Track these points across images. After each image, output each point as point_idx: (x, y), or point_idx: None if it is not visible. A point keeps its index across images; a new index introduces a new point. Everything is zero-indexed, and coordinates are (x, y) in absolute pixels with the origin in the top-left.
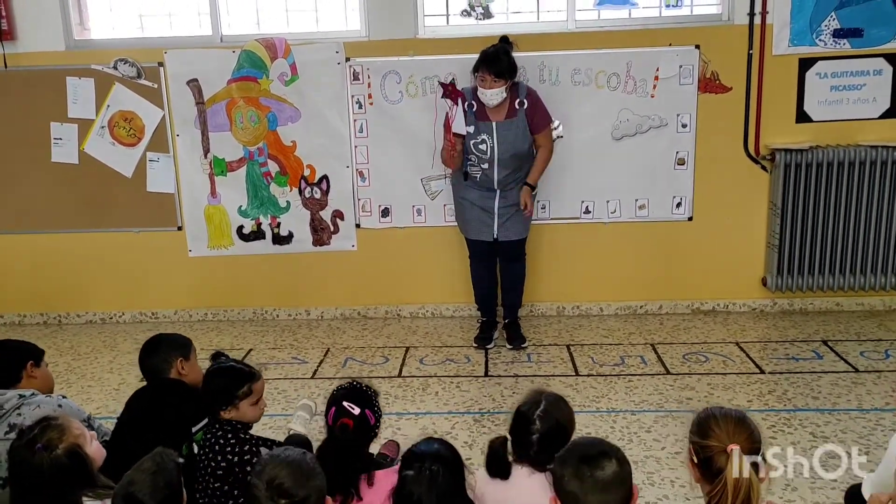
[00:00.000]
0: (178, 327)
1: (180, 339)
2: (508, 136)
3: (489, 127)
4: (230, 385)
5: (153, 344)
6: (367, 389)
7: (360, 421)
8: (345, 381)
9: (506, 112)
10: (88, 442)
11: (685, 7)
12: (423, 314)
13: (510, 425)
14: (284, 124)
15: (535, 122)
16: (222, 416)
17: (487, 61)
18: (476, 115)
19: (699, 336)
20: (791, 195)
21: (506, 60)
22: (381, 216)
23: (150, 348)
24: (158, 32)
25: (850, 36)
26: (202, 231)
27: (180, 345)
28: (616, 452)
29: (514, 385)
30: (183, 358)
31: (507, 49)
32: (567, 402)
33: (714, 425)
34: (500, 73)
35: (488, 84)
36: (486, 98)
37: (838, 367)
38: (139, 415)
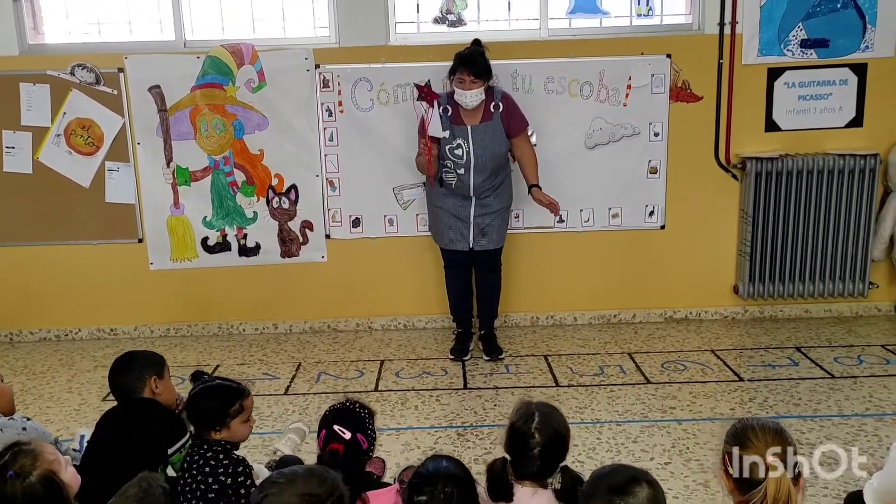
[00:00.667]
0: (139, 343)
1: (154, 356)
2: (485, 139)
3: (464, 131)
4: (221, 404)
5: (125, 361)
6: (361, 410)
7: (352, 446)
8: (337, 398)
9: (481, 116)
10: (63, 468)
11: (655, 17)
12: (395, 326)
13: (506, 444)
14: (251, 132)
15: (512, 126)
16: (213, 437)
17: (466, 62)
18: (451, 120)
19: (675, 344)
20: (762, 203)
21: (483, 61)
22: (352, 226)
23: (123, 366)
24: (118, 37)
25: (817, 46)
26: (164, 243)
27: (154, 362)
28: (644, 475)
29: (495, 397)
30: (157, 376)
31: (481, 50)
32: (558, 409)
33: (752, 436)
34: (478, 74)
35: (467, 85)
36: (464, 100)
37: (815, 373)
38: (112, 436)
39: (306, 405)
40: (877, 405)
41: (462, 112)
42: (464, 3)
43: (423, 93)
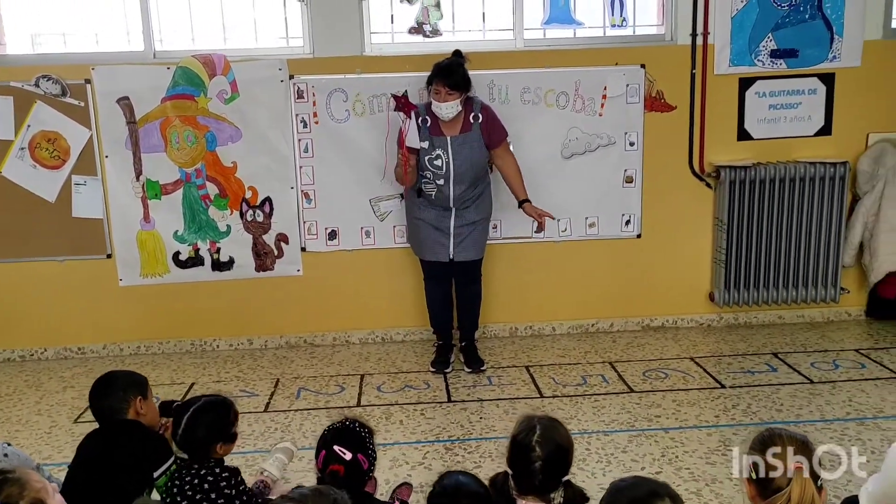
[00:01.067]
0: (108, 362)
1: (137, 376)
2: (464, 150)
3: (444, 142)
4: (224, 414)
5: (108, 382)
6: (362, 429)
7: (352, 466)
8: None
9: (460, 126)
10: (51, 496)
11: (629, 27)
12: (373, 339)
13: (508, 457)
14: (224, 144)
15: (493, 137)
16: (218, 453)
17: (442, 73)
18: (430, 131)
19: (654, 352)
20: (736, 211)
21: (460, 73)
22: (328, 239)
23: (105, 387)
24: (85, 48)
25: (787, 56)
26: (134, 258)
27: (138, 382)
28: (666, 489)
29: (480, 409)
30: (141, 397)
31: (460, 62)
32: (561, 422)
33: (780, 443)
34: (454, 85)
35: (443, 97)
36: (440, 111)
37: (793, 378)
38: (95, 459)
39: (288, 422)
40: (857, 409)
41: (441, 123)
42: (439, 13)
43: (399, 103)
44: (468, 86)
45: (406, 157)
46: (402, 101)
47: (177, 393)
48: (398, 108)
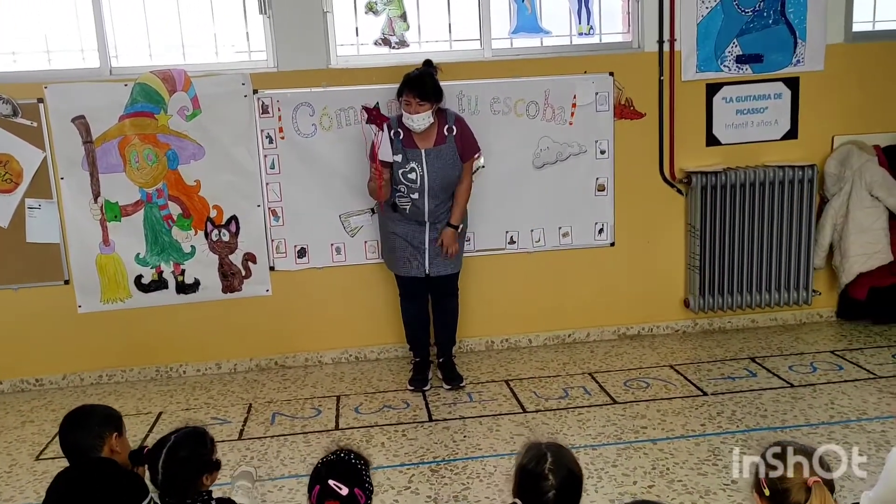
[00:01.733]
0: (69, 393)
1: (111, 410)
2: (438, 163)
3: (418, 154)
4: (201, 449)
5: (81, 417)
6: (357, 461)
7: (349, 502)
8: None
9: (434, 138)
10: None
11: (595, 35)
12: (346, 359)
13: (515, 488)
14: (186, 162)
15: (465, 151)
16: (206, 484)
17: (411, 84)
18: (403, 143)
19: (633, 361)
20: (708, 217)
21: (430, 83)
22: (298, 257)
23: (78, 422)
24: (37, 66)
25: (752, 62)
26: (94, 284)
27: (113, 417)
28: None
29: (463, 428)
30: (117, 433)
31: (431, 72)
32: (567, 447)
33: (793, 457)
34: (424, 96)
35: (413, 108)
36: (412, 123)
37: (773, 383)
38: (69, 501)
39: (264, 450)
40: (840, 412)
41: (415, 135)
42: (405, 24)
43: (371, 115)
44: (440, 96)
45: (379, 170)
46: (374, 113)
47: (143, 423)
48: (370, 120)
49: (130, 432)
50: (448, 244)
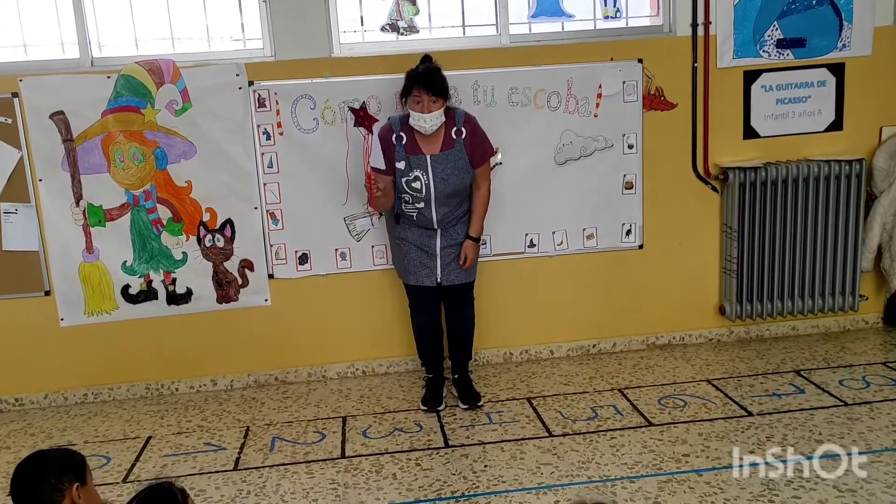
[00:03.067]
0: (51, 414)
1: (73, 456)
2: (446, 170)
3: (422, 161)
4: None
5: (36, 465)
6: None
7: None
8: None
9: (441, 143)
10: None
11: (622, 19)
12: (353, 373)
13: None
14: (176, 161)
15: (475, 156)
16: None
17: (421, 79)
18: (406, 149)
19: (666, 376)
20: (746, 216)
21: (440, 77)
22: (299, 263)
23: (32, 473)
24: (11, 57)
25: (793, 46)
26: (77, 295)
27: (74, 462)
28: None
29: (484, 455)
30: (79, 482)
31: (438, 67)
32: None
33: None
34: (438, 91)
35: (425, 105)
36: (423, 124)
37: (825, 400)
38: None
39: (263, 482)
40: None
41: (419, 139)
42: (414, 8)
43: (359, 117)
44: (448, 93)
45: (371, 179)
46: (361, 114)
47: (131, 450)
48: (358, 122)
49: (116, 460)
50: (471, 258)
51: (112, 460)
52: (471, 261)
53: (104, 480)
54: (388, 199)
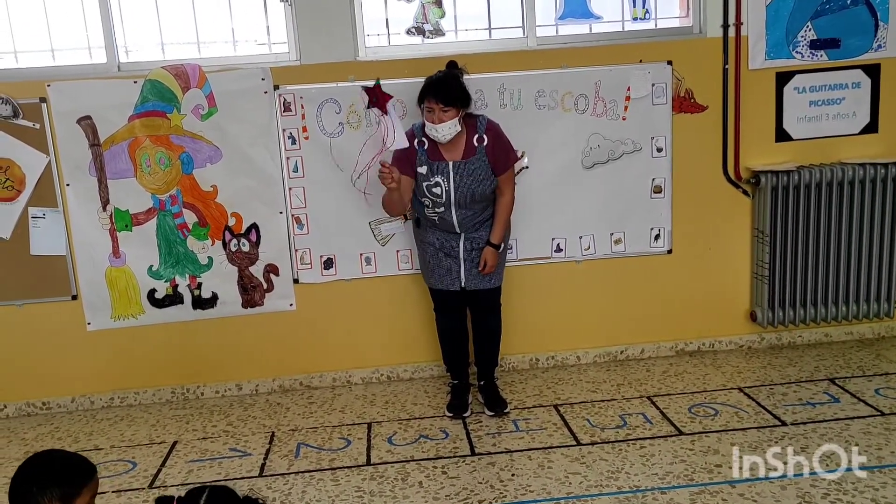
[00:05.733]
0: (78, 418)
1: (76, 466)
2: (466, 178)
3: (444, 168)
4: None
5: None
6: None
7: None
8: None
9: (463, 150)
10: None
11: (651, 20)
12: (377, 379)
13: None
14: (202, 166)
15: (498, 164)
16: None
17: (433, 88)
18: (428, 154)
19: (696, 383)
20: (779, 221)
21: (455, 85)
22: (324, 268)
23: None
24: (39, 63)
25: (828, 47)
26: (104, 299)
27: (70, 477)
28: None
29: (511, 464)
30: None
31: (455, 74)
32: None
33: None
34: (449, 101)
35: (437, 115)
36: (436, 134)
37: (861, 410)
38: None
39: (288, 490)
40: None
41: (441, 146)
42: (440, 11)
43: (373, 96)
44: (467, 101)
45: (387, 169)
46: (376, 92)
47: (157, 455)
48: (372, 103)
49: (142, 465)
50: (490, 265)
51: (138, 465)
52: (490, 267)
53: (130, 486)
54: (404, 195)
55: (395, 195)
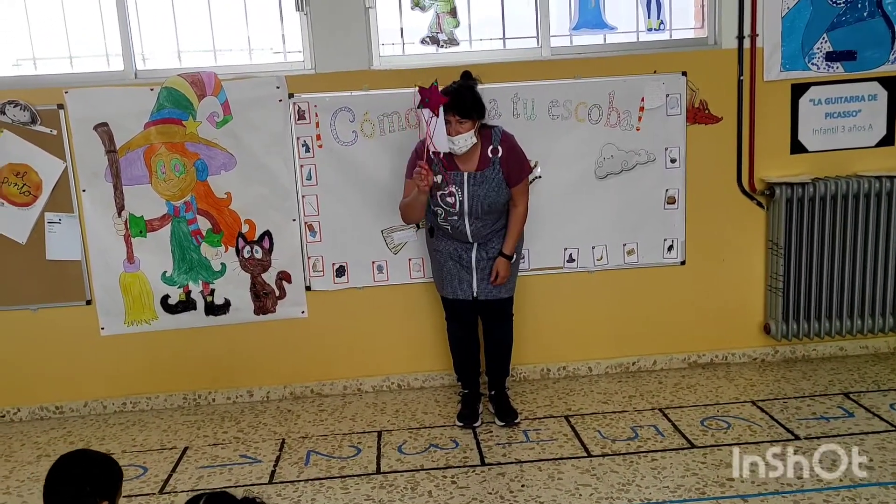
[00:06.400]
0: (90, 422)
1: (111, 468)
2: (481, 189)
3: (458, 178)
4: None
5: (64, 473)
6: None
7: None
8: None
9: (477, 160)
10: None
11: (665, 31)
12: (388, 387)
13: None
14: (216, 173)
15: (511, 175)
16: None
17: (449, 101)
18: (443, 163)
19: (708, 395)
20: (793, 233)
21: (471, 97)
22: (336, 276)
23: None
24: (57, 69)
25: (843, 59)
26: (117, 304)
27: (112, 478)
28: None
29: (521, 475)
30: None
31: (471, 85)
32: None
33: None
34: (465, 112)
35: (453, 128)
36: (452, 146)
37: (875, 425)
38: None
39: (298, 496)
40: None
41: (455, 156)
42: (455, 21)
43: (425, 97)
44: (482, 112)
45: (426, 170)
46: (430, 92)
47: (167, 460)
48: (423, 104)
49: (153, 470)
50: (502, 276)
51: (149, 470)
52: (502, 278)
53: (141, 491)
54: (423, 207)
55: (422, 198)
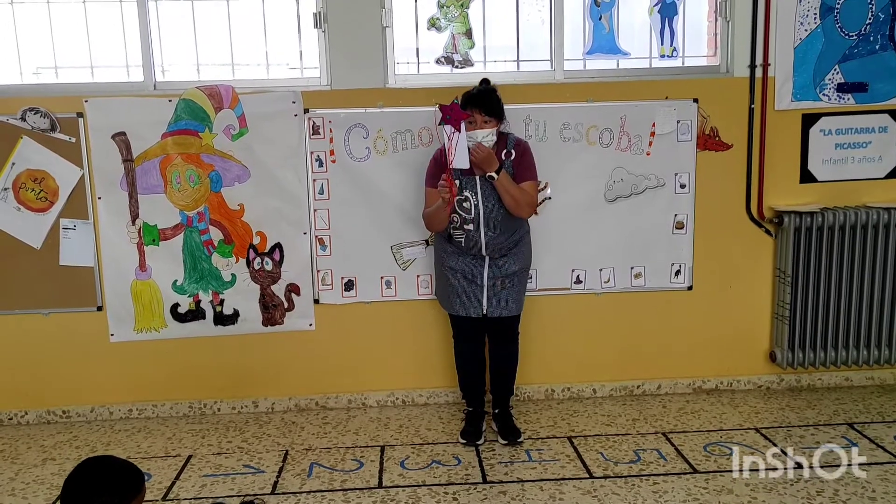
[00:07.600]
0: (96, 428)
1: (127, 469)
2: (495, 192)
3: (472, 182)
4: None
5: (93, 479)
6: None
7: None
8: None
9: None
10: None
11: (678, 58)
12: (392, 402)
13: None
14: (230, 185)
15: (518, 172)
16: None
17: (474, 99)
18: (459, 170)
19: (712, 421)
20: (801, 262)
21: (496, 98)
22: (345, 290)
23: (88, 488)
24: (78, 78)
25: (855, 91)
26: (128, 311)
27: (131, 476)
28: None
29: (522, 493)
30: None
31: (494, 88)
32: None
33: None
34: (491, 111)
35: (479, 124)
36: (475, 136)
37: (879, 456)
38: None
39: None
40: None
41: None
42: (470, 42)
43: (446, 114)
44: (503, 115)
45: (451, 183)
46: (453, 109)
47: (171, 468)
48: (446, 120)
49: (157, 477)
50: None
51: (152, 477)
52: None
53: (144, 498)
54: (448, 207)
55: (447, 209)
